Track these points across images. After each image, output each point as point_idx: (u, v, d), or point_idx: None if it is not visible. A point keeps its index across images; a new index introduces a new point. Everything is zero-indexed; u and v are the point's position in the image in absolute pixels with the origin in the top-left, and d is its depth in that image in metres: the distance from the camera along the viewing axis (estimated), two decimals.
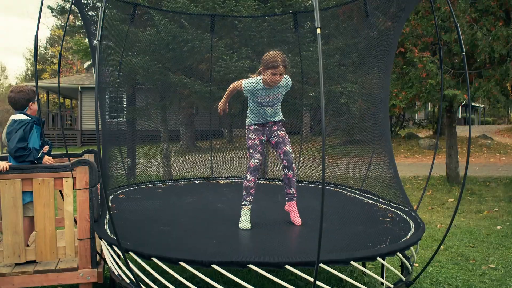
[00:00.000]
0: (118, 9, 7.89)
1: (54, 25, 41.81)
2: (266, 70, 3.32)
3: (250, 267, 2.64)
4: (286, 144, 3.57)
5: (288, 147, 3.55)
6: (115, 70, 6.77)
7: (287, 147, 3.55)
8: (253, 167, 3.49)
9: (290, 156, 3.54)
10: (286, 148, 3.55)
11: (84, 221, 3.41)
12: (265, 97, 3.46)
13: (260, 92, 3.45)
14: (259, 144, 3.55)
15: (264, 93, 3.44)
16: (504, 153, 16.13)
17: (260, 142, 3.57)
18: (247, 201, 3.55)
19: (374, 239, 3.14)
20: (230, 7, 7.97)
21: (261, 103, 3.49)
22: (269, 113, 3.55)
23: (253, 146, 3.53)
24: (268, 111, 3.54)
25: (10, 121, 3.65)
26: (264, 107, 3.51)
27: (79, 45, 12.26)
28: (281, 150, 3.59)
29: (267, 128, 3.62)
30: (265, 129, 3.62)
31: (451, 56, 8.75)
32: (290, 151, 3.56)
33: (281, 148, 3.59)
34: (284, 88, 3.51)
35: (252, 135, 3.57)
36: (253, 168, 3.48)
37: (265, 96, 3.45)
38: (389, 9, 4.95)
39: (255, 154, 3.50)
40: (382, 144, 5.03)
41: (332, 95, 7.44)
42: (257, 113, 3.56)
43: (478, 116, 41.48)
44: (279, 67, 3.29)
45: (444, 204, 8.18)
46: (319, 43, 2.27)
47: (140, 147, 10.28)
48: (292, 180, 3.57)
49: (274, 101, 3.51)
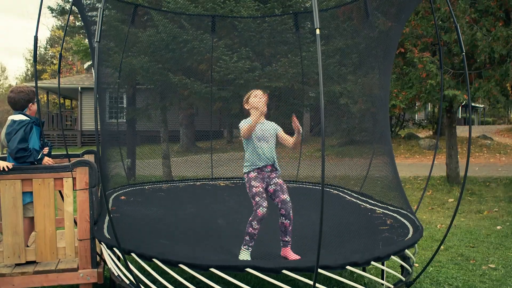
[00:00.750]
0: (118, 9, 7.89)
1: (54, 26, 41.82)
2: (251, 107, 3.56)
3: (248, 271, 2.64)
4: (284, 193, 3.56)
5: (286, 195, 3.55)
6: (115, 71, 6.77)
7: (285, 196, 3.54)
8: (260, 216, 3.43)
9: (288, 205, 3.52)
10: (284, 196, 3.54)
11: (84, 221, 3.41)
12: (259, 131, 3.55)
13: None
14: (263, 191, 3.53)
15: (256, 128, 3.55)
16: (504, 153, 16.13)
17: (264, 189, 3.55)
18: (249, 246, 3.44)
19: (372, 244, 3.14)
20: (230, 7, 7.98)
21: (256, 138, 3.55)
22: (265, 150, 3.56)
23: (259, 193, 3.49)
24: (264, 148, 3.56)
25: (9, 121, 3.62)
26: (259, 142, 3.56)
27: (79, 46, 12.25)
28: (279, 199, 3.57)
29: (266, 175, 3.63)
30: (264, 176, 3.62)
31: (451, 57, 8.74)
32: (288, 199, 3.55)
33: (279, 196, 3.57)
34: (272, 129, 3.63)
35: (255, 183, 3.54)
36: (260, 217, 3.43)
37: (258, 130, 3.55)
38: (389, 10, 4.95)
39: (262, 202, 3.45)
40: (382, 145, 5.03)
41: (332, 96, 7.44)
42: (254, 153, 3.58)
43: (478, 116, 41.47)
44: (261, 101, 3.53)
45: (444, 204, 8.18)
46: (318, 44, 2.28)
47: (140, 147, 10.28)
48: (289, 229, 3.52)
49: (267, 135, 3.59)
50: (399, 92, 8.93)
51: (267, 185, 3.60)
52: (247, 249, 3.41)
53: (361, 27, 5.52)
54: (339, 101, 7.62)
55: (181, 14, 7.58)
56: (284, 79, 7.55)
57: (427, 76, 8.41)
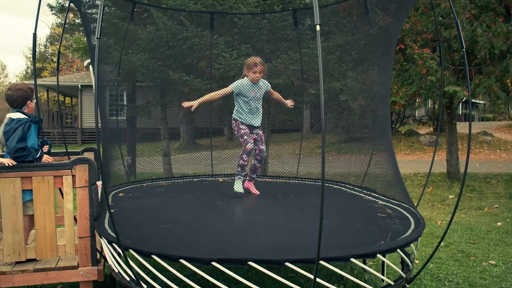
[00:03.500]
0: (117, 6, 7.87)
1: (53, 23, 41.79)
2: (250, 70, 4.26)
3: (250, 264, 2.64)
4: (262, 144, 4.43)
5: (264, 146, 4.44)
6: (115, 68, 6.76)
7: (263, 146, 4.44)
8: (248, 150, 4.25)
9: (264, 154, 4.44)
10: (262, 146, 4.44)
11: (84, 219, 3.41)
12: (251, 92, 4.29)
13: (247, 88, 4.28)
14: (249, 132, 4.33)
15: (250, 88, 4.28)
16: (504, 150, 16.13)
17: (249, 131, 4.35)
18: (241, 175, 4.38)
19: (374, 236, 3.13)
20: (230, 4, 7.95)
21: (248, 97, 4.29)
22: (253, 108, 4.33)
23: (246, 133, 4.29)
24: (253, 106, 4.32)
25: (7, 119, 3.59)
26: (250, 101, 4.30)
27: (79, 43, 12.23)
28: (257, 148, 4.46)
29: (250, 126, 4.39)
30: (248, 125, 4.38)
31: (451, 53, 8.72)
32: (265, 149, 4.47)
33: (258, 145, 4.46)
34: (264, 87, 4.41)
35: (242, 126, 4.33)
36: (248, 151, 4.26)
37: (251, 90, 4.28)
38: (389, 6, 4.93)
39: (249, 139, 4.26)
40: (383, 141, 5.02)
41: (332, 92, 7.42)
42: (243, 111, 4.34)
43: (479, 113, 41.43)
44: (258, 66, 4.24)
45: (445, 200, 8.18)
46: (319, 40, 2.27)
47: (140, 145, 10.27)
48: (258, 169, 4.54)
49: (257, 95, 4.34)
50: (399, 88, 8.92)
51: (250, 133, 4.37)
52: (239, 178, 4.38)
53: (361, 23, 5.50)
54: (339, 98, 7.60)
55: (181, 11, 7.56)
56: (284, 75, 7.52)
57: (427, 73, 8.39)
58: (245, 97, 4.31)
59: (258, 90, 4.35)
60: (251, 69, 4.25)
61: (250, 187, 4.43)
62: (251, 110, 4.34)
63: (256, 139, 4.41)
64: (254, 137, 4.39)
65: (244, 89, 4.29)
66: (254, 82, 4.30)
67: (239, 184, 4.37)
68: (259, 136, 4.40)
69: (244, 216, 4.05)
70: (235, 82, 4.36)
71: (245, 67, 4.34)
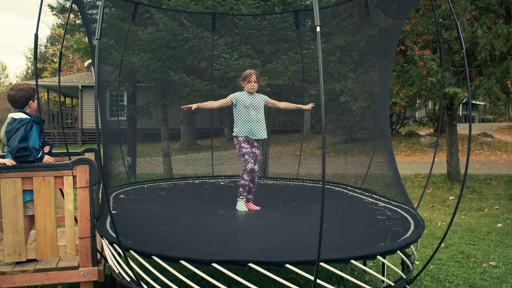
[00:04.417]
0: (118, 7, 7.88)
1: (54, 24, 41.80)
2: (245, 81, 4.41)
3: (250, 266, 2.64)
4: (257, 163, 4.39)
5: (257, 166, 4.39)
6: (116, 69, 6.77)
7: (256, 166, 4.38)
8: (249, 169, 4.28)
9: (256, 174, 4.39)
10: (255, 167, 4.36)
11: (84, 219, 3.41)
12: (249, 100, 4.38)
13: (245, 96, 4.40)
14: (251, 151, 4.32)
15: (247, 97, 4.40)
16: (504, 151, 16.12)
17: (250, 150, 4.33)
18: (244, 196, 4.32)
19: (374, 238, 3.13)
20: (231, 5, 7.96)
21: (247, 106, 4.36)
22: (253, 117, 4.34)
23: (248, 153, 4.32)
24: (252, 115, 4.35)
25: (9, 119, 3.59)
26: (249, 109, 4.36)
27: (80, 44, 12.24)
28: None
29: (251, 140, 4.37)
30: (249, 140, 4.37)
31: (452, 54, 8.72)
32: (257, 170, 4.41)
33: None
34: (261, 99, 4.49)
35: (244, 145, 4.35)
36: (249, 171, 4.28)
37: (248, 99, 4.38)
38: (389, 7, 4.94)
39: (250, 159, 4.29)
40: (383, 142, 5.03)
41: (332, 93, 7.43)
42: (243, 120, 4.35)
43: (479, 114, 41.41)
44: (253, 75, 4.39)
45: (445, 202, 8.18)
46: (319, 41, 2.27)
47: (141, 145, 10.28)
48: (252, 190, 4.41)
49: (256, 104, 4.41)
50: (400, 89, 8.92)
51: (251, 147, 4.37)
52: (242, 199, 4.33)
53: (362, 24, 5.51)
54: (340, 99, 7.61)
55: (182, 12, 7.57)
56: (285, 76, 7.53)
57: (428, 74, 8.40)
58: (244, 106, 4.37)
59: (256, 99, 4.44)
60: (246, 79, 4.41)
61: (249, 207, 4.35)
62: (250, 119, 4.36)
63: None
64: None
65: (242, 97, 4.40)
66: (250, 93, 4.43)
67: (242, 204, 4.31)
68: (255, 155, 4.36)
69: (244, 218, 4.05)
70: (233, 93, 4.47)
71: (240, 80, 4.52)
